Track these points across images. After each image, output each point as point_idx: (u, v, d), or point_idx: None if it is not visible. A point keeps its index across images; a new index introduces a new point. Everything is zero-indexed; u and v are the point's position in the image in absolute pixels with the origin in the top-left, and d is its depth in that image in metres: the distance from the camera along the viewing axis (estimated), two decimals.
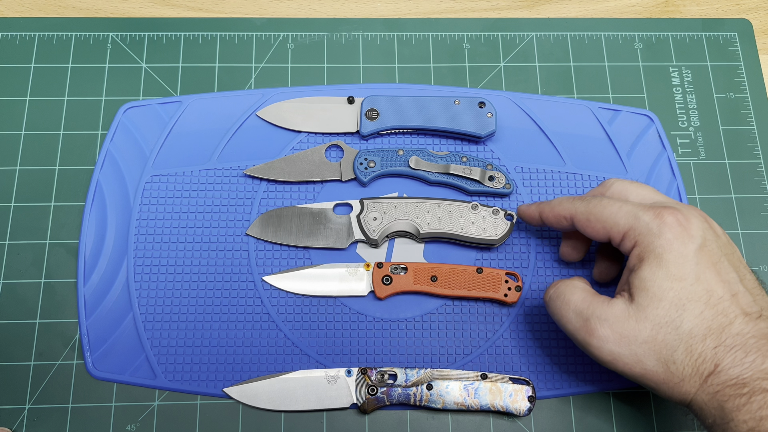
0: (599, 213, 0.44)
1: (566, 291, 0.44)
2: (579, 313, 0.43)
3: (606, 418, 0.51)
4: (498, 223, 0.53)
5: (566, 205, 0.46)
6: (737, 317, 0.39)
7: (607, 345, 0.41)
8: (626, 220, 0.43)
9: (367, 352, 0.52)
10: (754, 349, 0.38)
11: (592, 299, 0.43)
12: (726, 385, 0.38)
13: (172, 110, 0.58)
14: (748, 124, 0.60)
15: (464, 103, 0.57)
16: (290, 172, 0.56)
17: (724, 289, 0.40)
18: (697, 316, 0.39)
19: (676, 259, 0.40)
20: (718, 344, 0.39)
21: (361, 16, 0.64)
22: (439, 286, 0.52)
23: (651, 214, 0.42)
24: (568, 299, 0.44)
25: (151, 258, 0.54)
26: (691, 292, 0.40)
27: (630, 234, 0.42)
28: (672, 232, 0.41)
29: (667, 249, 0.41)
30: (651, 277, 0.41)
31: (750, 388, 0.37)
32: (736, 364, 0.38)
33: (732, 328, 0.39)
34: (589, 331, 0.42)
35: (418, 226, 0.53)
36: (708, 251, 0.41)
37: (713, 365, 0.39)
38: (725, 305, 0.40)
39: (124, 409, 0.51)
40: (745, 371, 0.38)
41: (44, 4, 0.63)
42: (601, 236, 0.44)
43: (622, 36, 0.63)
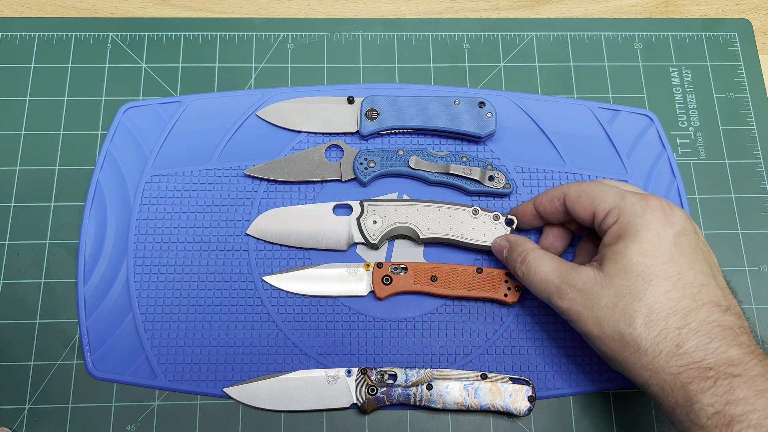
0: (590, 191, 0.46)
1: (536, 263, 0.47)
2: (551, 281, 0.45)
3: (606, 418, 0.51)
4: (498, 228, 0.53)
5: (559, 188, 0.49)
6: (705, 305, 0.40)
7: (574, 305, 0.44)
8: (614, 198, 0.45)
9: (367, 352, 0.52)
10: (719, 337, 0.39)
11: (561, 268, 0.45)
12: (689, 368, 0.39)
13: (172, 110, 0.58)
14: (748, 124, 0.60)
15: (464, 103, 0.57)
16: (290, 172, 0.56)
17: (696, 276, 0.41)
18: (663, 293, 0.41)
19: (653, 237, 0.42)
20: (682, 326, 0.40)
21: (361, 16, 0.64)
22: (439, 286, 0.52)
23: (638, 197, 0.44)
24: (540, 270, 0.46)
25: (151, 258, 0.54)
26: (661, 270, 0.41)
27: (614, 211, 0.44)
28: (654, 214, 0.43)
29: (644, 227, 0.42)
30: (622, 251, 0.42)
31: (715, 372, 0.38)
32: (700, 348, 0.39)
33: (699, 314, 0.40)
34: (560, 295, 0.45)
35: (418, 230, 0.53)
36: (686, 239, 0.42)
37: (675, 345, 0.40)
38: (694, 291, 0.41)
39: (124, 409, 0.51)
40: (708, 356, 0.39)
41: (44, 4, 0.63)
42: (587, 212, 0.46)
43: (622, 36, 0.63)
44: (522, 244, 0.49)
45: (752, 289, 0.55)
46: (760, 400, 0.36)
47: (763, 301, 0.55)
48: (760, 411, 0.36)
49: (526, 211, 0.52)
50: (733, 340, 0.39)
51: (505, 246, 0.51)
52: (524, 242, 0.50)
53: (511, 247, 0.50)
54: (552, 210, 0.49)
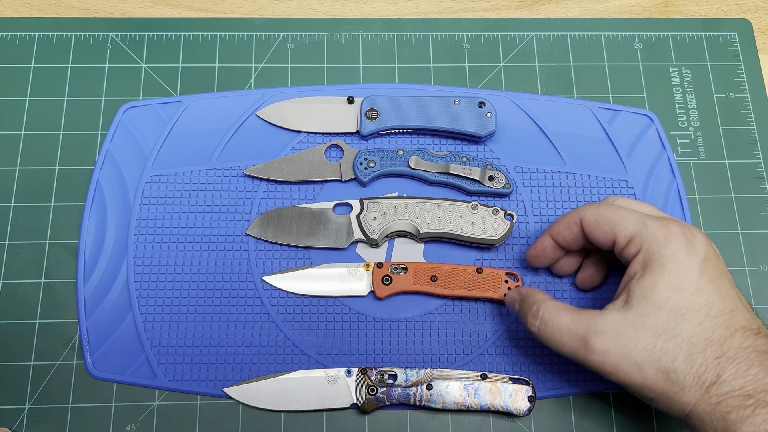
0: (609, 216, 0.44)
1: (552, 316, 0.44)
2: (573, 333, 0.42)
3: (606, 418, 0.51)
4: (498, 222, 0.53)
5: (574, 213, 0.47)
6: (737, 331, 0.40)
7: (609, 357, 0.41)
8: (634, 225, 0.43)
9: (367, 352, 0.52)
10: (756, 363, 0.38)
11: (581, 316, 0.42)
12: (729, 396, 0.38)
13: (172, 110, 0.58)
14: (748, 124, 0.60)
15: (464, 103, 0.57)
16: (290, 172, 0.56)
17: (725, 303, 0.40)
18: (697, 326, 0.40)
19: (679, 269, 0.41)
20: (720, 355, 0.39)
21: (361, 16, 0.64)
22: (438, 286, 0.52)
23: (658, 223, 0.42)
24: (558, 323, 0.43)
25: (151, 258, 0.54)
26: (692, 302, 0.40)
27: (636, 239, 0.43)
28: (678, 242, 0.41)
29: (671, 258, 0.41)
30: (652, 286, 0.41)
31: (755, 400, 0.37)
32: (739, 375, 0.38)
33: (733, 341, 0.39)
34: (588, 348, 0.41)
35: (418, 226, 0.53)
36: (710, 266, 0.41)
37: (715, 375, 0.39)
38: (726, 318, 0.40)
39: (124, 409, 0.51)
40: (748, 383, 0.38)
41: (44, 4, 0.63)
42: (607, 239, 0.45)
43: (622, 36, 0.63)
44: (533, 296, 0.46)
45: (752, 289, 0.55)
46: None
47: (763, 301, 0.55)
48: None
49: (545, 246, 0.49)
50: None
51: (516, 299, 0.48)
52: (535, 293, 0.46)
53: (521, 299, 0.47)
54: (572, 237, 0.47)
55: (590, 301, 0.54)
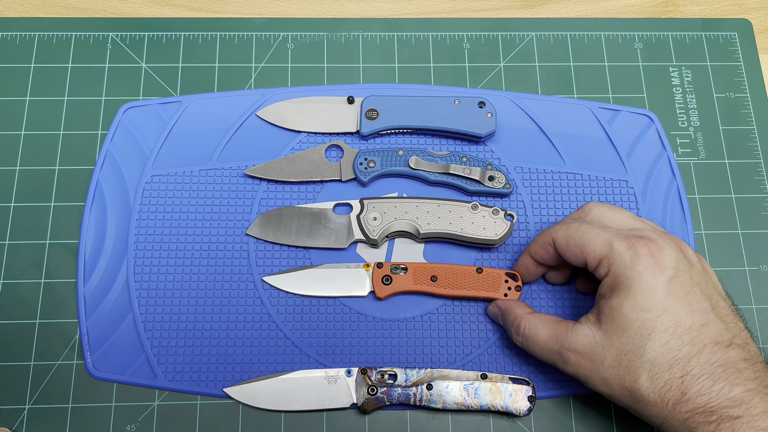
0: (578, 238, 0.45)
1: (532, 333, 0.46)
2: (550, 348, 0.45)
3: (606, 418, 0.51)
4: (498, 223, 0.53)
5: (548, 232, 0.48)
6: (706, 347, 0.40)
7: (580, 370, 0.43)
8: (602, 247, 0.44)
9: (367, 352, 0.52)
10: (721, 378, 0.39)
11: (557, 332, 0.45)
12: (695, 413, 0.39)
13: (172, 110, 0.58)
14: (748, 124, 0.60)
15: (464, 103, 0.57)
16: (290, 172, 0.56)
17: (694, 319, 0.41)
18: (662, 345, 0.40)
19: (644, 290, 0.41)
20: (684, 373, 0.40)
21: (361, 16, 0.64)
22: (439, 286, 0.52)
23: (625, 244, 0.43)
24: (537, 339, 0.46)
25: (151, 258, 0.54)
26: (658, 322, 0.41)
27: (604, 262, 0.44)
28: (643, 264, 0.42)
29: (636, 281, 0.42)
30: (618, 307, 0.42)
31: (717, 416, 0.38)
32: (703, 392, 0.39)
33: (700, 357, 0.40)
34: (563, 360, 0.44)
35: (418, 226, 0.53)
36: (679, 282, 0.42)
37: (680, 393, 0.40)
38: (694, 335, 0.40)
39: (124, 409, 0.51)
40: (712, 399, 0.39)
41: (44, 4, 0.63)
42: (579, 260, 0.46)
43: (622, 36, 0.63)
44: (513, 311, 0.49)
45: (752, 289, 0.55)
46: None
47: (763, 301, 0.55)
48: None
49: (526, 264, 0.51)
50: (735, 378, 0.39)
51: (498, 313, 0.51)
52: (515, 308, 0.49)
53: (503, 315, 0.50)
54: (549, 257, 0.49)
55: (590, 300, 0.54)
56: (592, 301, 0.53)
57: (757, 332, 0.54)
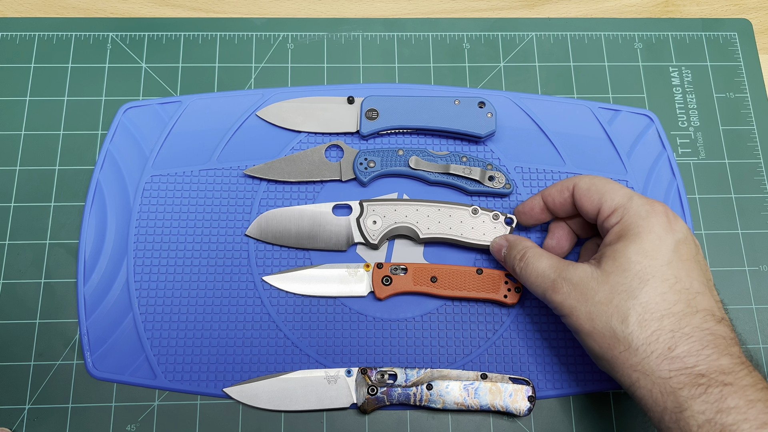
0: (601, 186, 0.46)
1: (534, 260, 0.47)
2: (547, 276, 0.46)
3: (606, 418, 0.51)
4: (498, 228, 0.53)
5: (569, 179, 0.49)
6: (699, 312, 0.40)
7: (568, 300, 0.44)
8: (621, 198, 0.45)
9: (367, 352, 0.52)
10: (711, 345, 0.39)
11: (559, 264, 0.46)
12: (681, 373, 0.39)
13: (172, 110, 0.58)
14: (748, 124, 0.60)
15: (464, 103, 0.57)
16: (290, 172, 0.56)
17: (692, 284, 0.41)
18: (659, 294, 0.41)
19: (654, 240, 0.42)
20: (676, 329, 0.40)
21: (361, 16, 0.64)
22: (439, 287, 0.52)
23: (644, 200, 0.44)
24: (537, 266, 0.47)
25: (151, 258, 0.54)
26: (659, 271, 0.41)
27: (619, 210, 0.44)
28: (657, 218, 0.43)
29: (647, 230, 0.42)
30: (622, 250, 0.42)
31: (707, 379, 0.38)
32: (692, 353, 0.39)
33: (693, 319, 0.40)
34: (554, 288, 0.45)
35: (418, 230, 0.53)
36: (686, 248, 0.43)
37: (667, 348, 0.39)
38: (689, 296, 0.41)
39: (124, 409, 0.51)
40: (701, 362, 0.39)
41: (44, 4, 0.63)
42: (593, 207, 0.46)
43: (622, 36, 0.63)
44: (521, 242, 0.50)
45: (752, 289, 0.55)
46: (752, 410, 0.36)
47: (763, 301, 0.55)
48: (751, 420, 0.36)
49: (534, 204, 0.51)
50: (724, 349, 0.39)
51: (503, 245, 0.51)
52: (523, 241, 0.50)
53: (510, 246, 0.50)
54: (561, 201, 0.49)
55: None
56: None
57: (757, 332, 0.54)
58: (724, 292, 0.54)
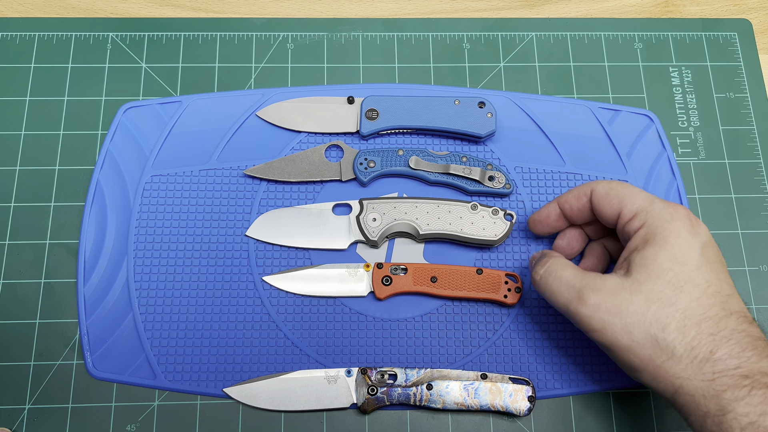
0: (620, 190, 0.45)
1: (557, 268, 0.45)
2: (572, 286, 0.43)
3: (606, 418, 0.51)
4: (497, 223, 0.53)
5: (587, 184, 0.48)
6: (733, 314, 0.40)
7: (598, 313, 0.41)
8: (642, 201, 0.44)
9: (367, 352, 0.52)
10: (750, 347, 0.39)
11: (583, 273, 0.44)
12: (724, 375, 0.38)
13: (172, 110, 0.58)
14: (748, 124, 0.60)
15: (464, 103, 0.57)
16: (290, 172, 0.56)
17: (722, 286, 0.41)
18: (694, 299, 0.40)
19: (682, 244, 0.41)
20: (715, 332, 0.39)
21: (361, 16, 0.64)
22: (439, 287, 0.52)
23: (665, 203, 0.44)
24: (560, 275, 0.45)
25: (151, 258, 0.54)
26: (691, 276, 0.41)
27: (641, 214, 0.44)
28: (682, 221, 0.42)
29: (674, 234, 0.42)
30: (653, 256, 0.41)
31: (751, 380, 0.37)
32: (733, 355, 0.38)
33: (729, 322, 0.40)
34: (581, 300, 0.42)
35: (418, 226, 0.53)
36: (712, 250, 0.42)
37: (708, 351, 0.39)
38: (722, 299, 0.40)
39: (124, 409, 0.51)
40: (743, 364, 0.38)
41: (44, 4, 0.63)
42: (614, 211, 0.45)
43: (622, 36, 0.63)
44: (545, 253, 0.49)
45: (752, 289, 0.55)
46: None
47: (763, 301, 0.55)
48: None
49: (550, 212, 0.50)
50: (763, 351, 0.39)
51: (537, 257, 0.50)
52: (554, 252, 0.49)
53: (541, 255, 0.49)
54: (579, 207, 0.48)
55: None
56: None
57: None
58: None
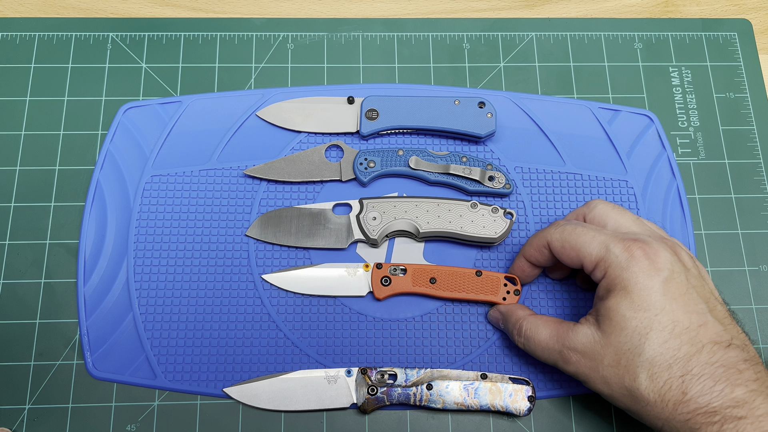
0: (573, 241, 0.45)
1: (533, 333, 0.47)
2: (551, 348, 0.45)
3: (606, 418, 0.51)
4: (497, 221, 0.53)
5: (542, 235, 0.48)
6: (705, 346, 0.40)
7: (580, 369, 0.44)
8: (598, 250, 0.44)
9: (367, 352, 0.52)
10: (723, 378, 0.39)
11: (558, 332, 0.45)
12: (696, 413, 0.39)
13: (172, 110, 0.58)
14: (748, 124, 0.60)
15: (464, 103, 0.57)
16: (290, 172, 0.56)
17: (691, 319, 0.41)
18: (661, 344, 0.40)
19: (641, 291, 0.42)
20: (684, 373, 0.40)
21: (361, 16, 0.64)
22: (437, 289, 0.52)
23: (621, 246, 0.43)
24: (538, 339, 0.46)
25: (151, 258, 0.54)
26: (655, 321, 0.41)
27: (601, 265, 0.44)
28: (639, 265, 0.42)
29: (632, 281, 0.42)
30: (615, 307, 0.42)
31: (721, 416, 0.38)
32: (704, 392, 0.39)
33: (700, 357, 0.40)
34: (564, 360, 0.45)
35: (418, 225, 0.53)
36: (675, 283, 0.42)
37: (680, 393, 0.39)
38: (692, 335, 0.41)
39: (124, 409, 0.51)
40: (714, 399, 0.39)
41: (44, 4, 0.63)
42: (575, 263, 0.46)
43: (622, 36, 0.63)
44: (514, 314, 0.49)
45: (752, 289, 0.55)
46: None
47: (763, 301, 0.55)
48: None
49: (522, 267, 0.51)
50: (737, 379, 0.39)
51: (499, 318, 0.51)
52: (516, 311, 0.50)
53: (504, 318, 0.50)
54: (544, 259, 0.49)
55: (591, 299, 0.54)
56: (593, 301, 0.53)
57: (757, 332, 0.54)
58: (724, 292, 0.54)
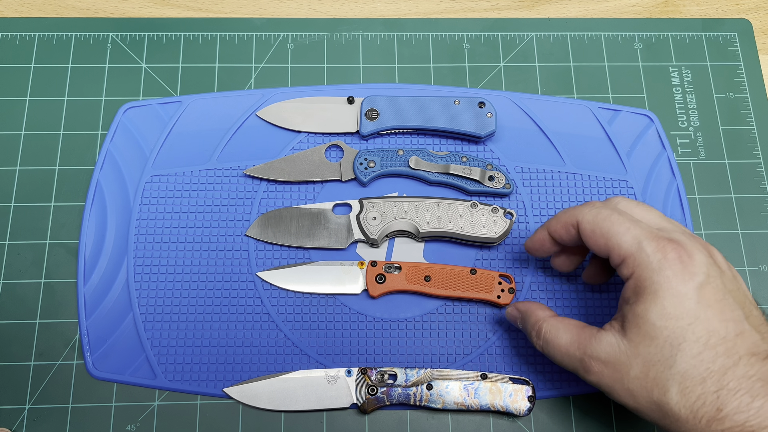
0: (606, 228, 0.42)
1: (553, 336, 0.44)
2: (572, 355, 0.43)
3: (606, 418, 0.51)
4: (497, 221, 0.53)
5: (573, 212, 0.44)
6: (742, 358, 0.37)
7: (603, 379, 0.41)
8: (629, 245, 0.40)
9: (367, 352, 0.52)
10: (761, 394, 0.36)
11: (579, 338, 0.42)
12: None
13: (172, 110, 0.58)
14: (748, 124, 0.60)
15: (464, 103, 0.57)
16: (290, 172, 0.56)
17: (728, 328, 0.38)
18: (695, 356, 0.37)
19: (673, 297, 0.38)
20: (719, 387, 0.37)
21: (361, 16, 0.64)
22: (432, 286, 0.52)
23: (654, 245, 0.40)
24: (558, 344, 0.43)
25: (151, 258, 0.54)
26: (689, 331, 0.38)
27: (629, 261, 0.40)
28: (672, 269, 0.39)
29: (664, 286, 0.38)
30: (644, 314, 0.39)
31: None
32: (741, 409, 0.36)
33: (737, 370, 0.37)
34: (586, 368, 0.42)
35: (418, 225, 0.53)
36: (711, 289, 0.38)
37: (715, 409, 0.36)
38: (728, 345, 0.37)
39: (124, 409, 0.51)
40: (751, 417, 0.36)
41: (44, 4, 0.63)
42: (601, 252, 0.42)
43: (622, 36, 0.63)
44: (533, 314, 0.46)
45: (752, 289, 0.55)
46: None
47: (764, 301, 0.55)
48: None
49: (543, 240, 0.47)
50: None
51: (517, 316, 0.48)
52: (535, 311, 0.47)
53: (523, 318, 0.47)
54: (569, 238, 0.45)
55: (597, 300, 0.54)
56: (599, 301, 0.53)
57: None
58: None
